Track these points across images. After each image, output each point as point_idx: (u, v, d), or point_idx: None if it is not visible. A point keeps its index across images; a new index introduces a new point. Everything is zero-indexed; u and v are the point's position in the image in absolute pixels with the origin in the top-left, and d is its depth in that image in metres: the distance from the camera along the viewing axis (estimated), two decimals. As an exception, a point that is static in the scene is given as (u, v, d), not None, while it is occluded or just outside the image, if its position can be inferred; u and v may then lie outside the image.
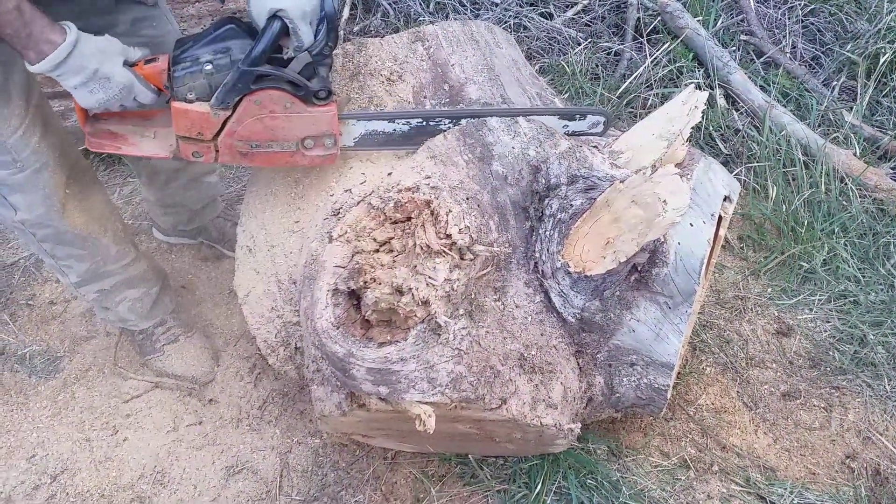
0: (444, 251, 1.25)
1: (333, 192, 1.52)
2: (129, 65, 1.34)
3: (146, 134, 1.46)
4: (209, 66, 1.31)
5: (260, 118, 1.36)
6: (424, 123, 1.48)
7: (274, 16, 1.24)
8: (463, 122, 1.48)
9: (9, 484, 1.76)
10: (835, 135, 2.57)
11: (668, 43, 2.86)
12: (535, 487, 1.66)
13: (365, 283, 1.26)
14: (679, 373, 1.84)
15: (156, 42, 1.61)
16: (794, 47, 2.95)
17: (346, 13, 3.17)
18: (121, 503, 1.73)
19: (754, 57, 2.92)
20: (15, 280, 2.25)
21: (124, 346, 2.05)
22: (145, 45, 1.42)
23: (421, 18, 3.04)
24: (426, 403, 1.22)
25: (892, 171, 2.48)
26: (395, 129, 1.48)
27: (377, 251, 1.31)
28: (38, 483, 1.77)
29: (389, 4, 3.12)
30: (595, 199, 1.34)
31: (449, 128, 1.49)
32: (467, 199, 1.36)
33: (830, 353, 2.00)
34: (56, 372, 2.00)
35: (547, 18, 3.08)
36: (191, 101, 1.34)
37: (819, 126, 2.63)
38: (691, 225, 1.41)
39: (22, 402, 1.94)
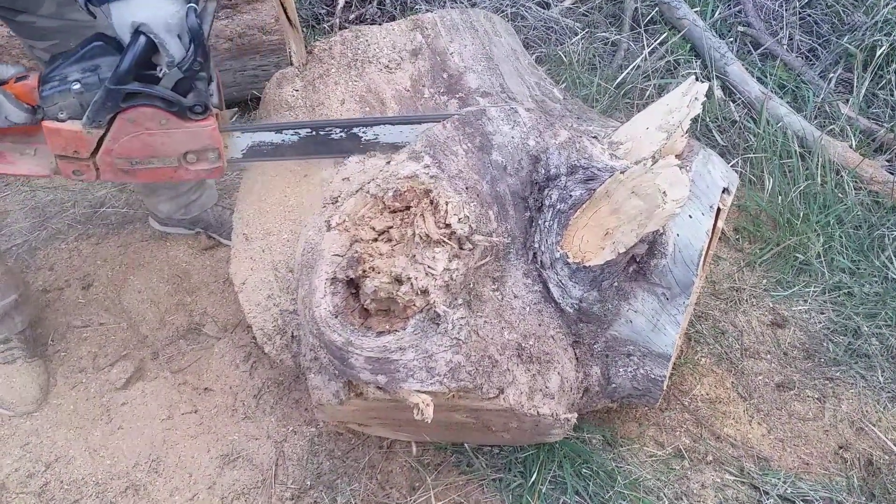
0: (444, 241, 1.25)
1: (331, 180, 1.51)
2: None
3: (26, 151, 1.43)
4: (77, 85, 1.29)
5: (136, 135, 1.34)
6: (314, 133, 1.45)
7: (137, 31, 1.21)
8: (355, 129, 1.45)
9: (2, 471, 1.75)
10: (831, 127, 2.57)
11: (666, 34, 2.85)
12: (531, 476, 1.66)
13: (364, 271, 1.25)
14: (674, 363, 1.85)
15: (82, 27, 1.58)
16: (792, 39, 2.95)
17: (341, 1, 3.14)
18: (115, 491, 1.72)
19: (751, 48, 2.91)
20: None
21: None
22: (70, 30, 1.38)
23: (417, 7, 3.02)
24: (424, 392, 1.22)
25: (887, 164, 2.49)
26: (283, 140, 1.46)
27: (376, 240, 1.31)
28: (33, 471, 1.76)
29: (386, -8, 3.10)
30: (595, 189, 1.34)
31: (341, 137, 1.46)
32: (467, 188, 1.36)
33: (824, 344, 2.01)
34: (50, 360, 1.99)
35: (544, 8, 3.07)
36: (62, 120, 1.32)
37: (815, 118, 2.64)
38: (690, 216, 1.42)
39: (15, 390, 1.93)
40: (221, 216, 2.27)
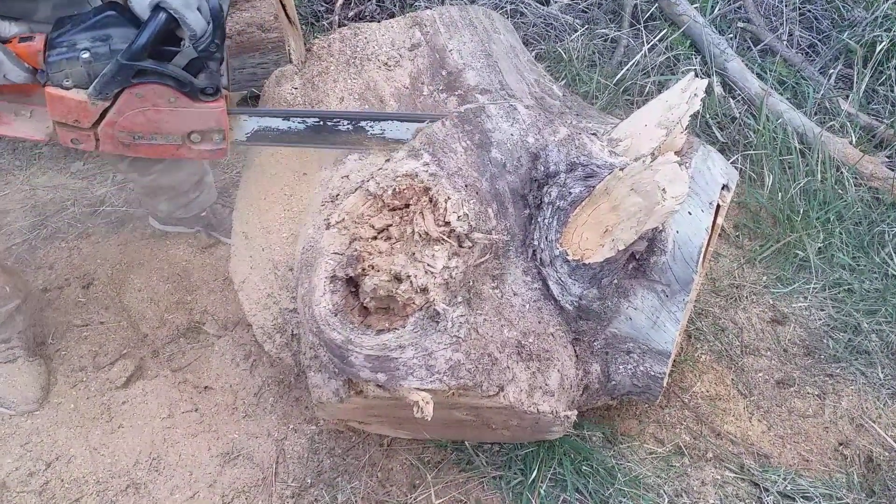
0: (443, 238, 1.24)
1: (331, 178, 1.51)
2: (1, 41, 1.28)
3: (22, 112, 1.39)
4: (86, 55, 1.26)
5: (142, 111, 1.32)
6: (321, 123, 1.45)
7: (157, 7, 1.20)
8: (363, 123, 1.45)
9: (3, 470, 1.75)
10: (831, 123, 2.57)
11: (666, 30, 2.85)
12: (531, 474, 1.66)
13: (363, 270, 1.25)
14: (674, 360, 1.85)
15: None
16: (791, 35, 2.94)
17: (341, -2, 3.13)
18: (116, 490, 1.73)
19: (751, 44, 2.90)
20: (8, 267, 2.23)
21: None
22: None
23: (417, 4, 3.02)
24: (424, 390, 1.22)
25: (887, 160, 2.48)
26: (290, 127, 1.45)
27: (375, 238, 1.30)
28: (33, 470, 1.76)
29: (385, -11, 3.09)
30: (594, 186, 1.34)
31: (348, 130, 1.45)
32: (466, 186, 1.36)
33: (824, 341, 2.01)
34: (50, 359, 1.99)
35: (543, 4, 3.06)
36: (67, 88, 1.29)
37: (815, 114, 2.63)
38: (690, 213, 1.41)
39: (16, 389, 1.93)
40: (221, 214, 2.26)
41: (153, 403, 1.90)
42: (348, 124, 1.45)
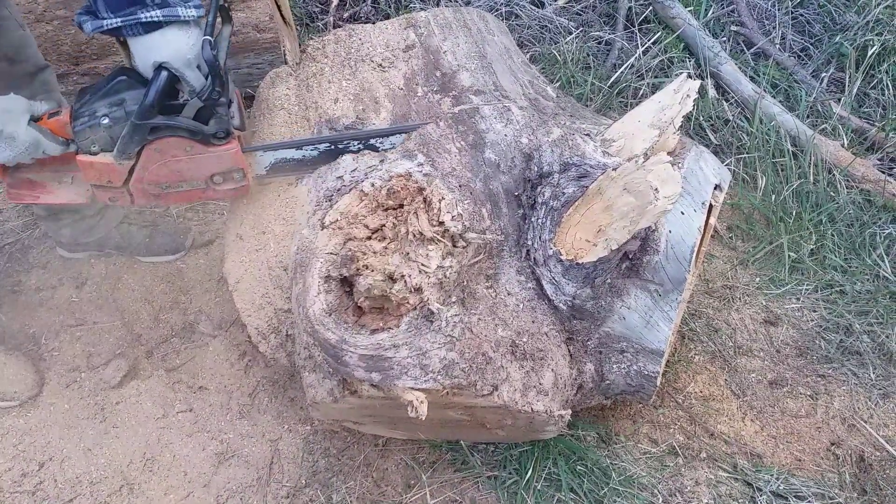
0: (437, 238, 1.25)
1: (325, 179, 1.51)
2: (34, 120, 1.36)
3: (64, 179, 1.50)
4: (106, 120, 1.34)
5: (164, 163, 1.40)
6: (332, 147, 1.50)
7: (160, 67, 1.27)
8: (372, 141, 1.49)
9: (-4, 471, 1.75)
10: (823, 126, 2.59)
11: (660, 33, 2.86)
12: (526, 473, 1.67)
13: (357, 269, 1.26)
14: (668, 361, 1.86)
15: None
16: (784, 38, 2.96)
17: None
18: (109, 490, 1.72)
19: (744, 48, 2.92)
20: (0, 266, 2.23)
21: None
22: None
23: (412, 5, 3.02)
24: (418, 390, 1.22)
25: (878, 163, 2.50)
26: (304, 156, 1.52)
27: (369, 238, 1.31)
28: (26, 470, 1.76)
29: (380, -9, 3.09)
30: (587, 186, 1.35)
31: (360, 149, 1.50)
32: (460, 186, 1.36)
33: (817, 342, 2.03)
34: (44, 359, 1.99)
35: (538, 6, 3.07)
36: (95, 153, 1.38)
37: (808, 117, 2.65)
38: (682, 213, 1.42)
39: (9, 389, 1.92)
40: (128, 233, 2.17)
41: (147, 403, 1.89)
42: (358, 143, 1.50)
